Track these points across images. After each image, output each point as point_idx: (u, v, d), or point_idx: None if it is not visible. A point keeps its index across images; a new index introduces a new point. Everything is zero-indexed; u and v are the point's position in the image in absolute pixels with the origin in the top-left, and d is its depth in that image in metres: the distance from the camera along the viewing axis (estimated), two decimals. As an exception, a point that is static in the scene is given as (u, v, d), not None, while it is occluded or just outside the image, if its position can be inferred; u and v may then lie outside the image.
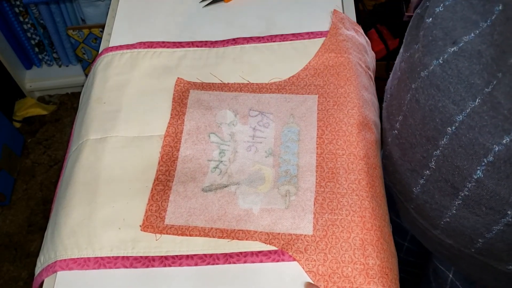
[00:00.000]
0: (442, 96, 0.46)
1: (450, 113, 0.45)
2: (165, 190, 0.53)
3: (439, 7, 0.46)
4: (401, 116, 0.54)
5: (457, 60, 0.44)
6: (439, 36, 0.45)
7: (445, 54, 0.45)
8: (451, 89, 0.45)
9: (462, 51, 0.43)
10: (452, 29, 0.44)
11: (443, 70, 0.45)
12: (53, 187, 1.67)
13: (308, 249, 0.47)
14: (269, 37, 0.64)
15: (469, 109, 0.43)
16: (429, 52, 0.47)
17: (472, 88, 0.43)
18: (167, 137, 0.56)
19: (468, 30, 0.42)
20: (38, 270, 0.51)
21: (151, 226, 0.50)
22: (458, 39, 0.43)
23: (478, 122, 0.43)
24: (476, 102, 0.43)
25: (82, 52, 1.70)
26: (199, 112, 0.58)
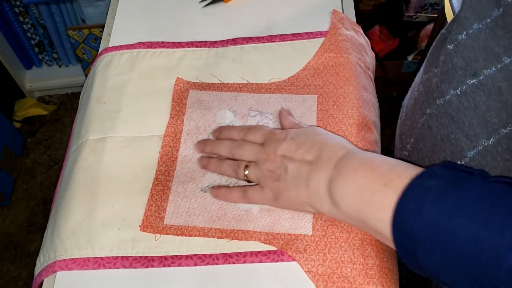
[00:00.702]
0: (455, 128, 0.43)
1: (462, 147, 0.43)
2: (165, 190, 0.53)
3: (462, 35, 0.42)
4: (412, 139, 0.52)
5: (475, 93, 0.40)
6: (459, 65, 0.42)
7: (464, 86, 0.42)
8: (465, 122, 0.42)
9: (482, 85, 0.40)
10: (473, 60, 0.40)
11: (459, 101, 0.42)
12: (53, 187, 1.67)
13: (307, 249, 0.47)
14: (268, 37, 0.64)
15: (481, 146, 0.41)
16: (448, 80, 0.44)
17: (487, 125, 0.40)
18: (166, 137, 0.56)
19: (489, 63, 0.39)
20: (37, 270, 0.51)
21: (150, 226, 0.50)
22: (479, 71, 0.40)
23: (489, 162, 0.41)
24: (490, 141, 0.40)
25: (82, 52, 1.70)
26: (198, 112, 0.58)
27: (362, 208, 0.40)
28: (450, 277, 0.36)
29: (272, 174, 0.47)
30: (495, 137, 0.40)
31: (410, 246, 0.37)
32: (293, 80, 0.59)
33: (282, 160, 0.47)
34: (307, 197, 0.45)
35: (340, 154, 0.44)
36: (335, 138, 0.47)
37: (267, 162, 0.48)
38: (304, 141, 0.47)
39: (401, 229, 0.37)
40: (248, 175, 0.49)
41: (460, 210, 0.34)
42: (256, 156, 0.49)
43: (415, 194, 0.37)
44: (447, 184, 0.36)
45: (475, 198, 0.34)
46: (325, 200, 0.44)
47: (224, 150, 0.51)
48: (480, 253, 0.33)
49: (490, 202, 0.34)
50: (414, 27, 1.55)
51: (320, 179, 0.44)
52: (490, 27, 0.39)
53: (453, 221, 0.34)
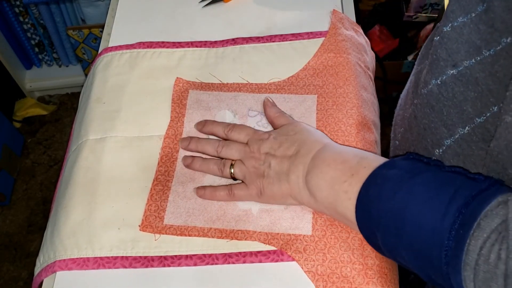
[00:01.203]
0: (435, 117, 0.45)
1: (440, 135, 0.45)
2: (164, 190, 0.53)
3: (447, 27, 0.44)
4: (402, 128, 0.54)
5: (454, 83, 0.43)
6: (442, 56, 0.44)
7: (444, 76, 0.44)
8: (444, 111, 0.44)
9: (461, 75, 0.42)
10: (455, 51, 0.43)
11: (439, 91, 0.44)
12: (53, 187, 1.67)
13: (307, 249, 0.47)
14: (268, 37, 0.64)
15: (458, 135, 0.43)
16: (431, 71, 0.46)
17: (463, 114, 0.42)
18: (166, 139, 0.56)
19: (470, 55, 0.41)
20: (37, 270, 0.51)
21: (150, 226, 0.50)
22: (459, 63, 0.42)
23: (465, 150, 0.42)
24: (465, 130, 0.42)
25: (82, 52, 1.70)
26: (198, 113, 0.58)
27: (334, 197, 0.44)
28: (402, 258, 0.39)
29: (257, 170, 0.49)
30: (470, 126, 0.42)
31: (370, 229, 0.41)
32: (292, 80, 0.59)
33: (266, 157, 0.49)
34: (289, 190, 0.48)
35: (316, 148, 0.47)
36: (314, 134, 0.50)
37: (252, 159, 0.50)
38: (285, 139, 0.50)
39: (362, 215, 0.41)
40: (234, 173, 0.51)
41: (411, 197, 0.37)
42: (241, 154, 0.51)
43: (375, 184, 0.41)
44: (404, 174, 0.39)
45: (425, 187, 0.37)
46: (305, 192, 0.47)
47: (209, 149, 0.53)
48: (424, 236, 0.36)
49: (438, 190, 0.36)
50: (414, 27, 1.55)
51: (299, 173, 0.47)
52: (474, 21, 0.41)
53: (404, 208, 0.37)
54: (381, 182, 0.40)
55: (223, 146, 0.52)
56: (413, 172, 0.39)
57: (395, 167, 0.41)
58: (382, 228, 0.39)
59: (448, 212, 0.35)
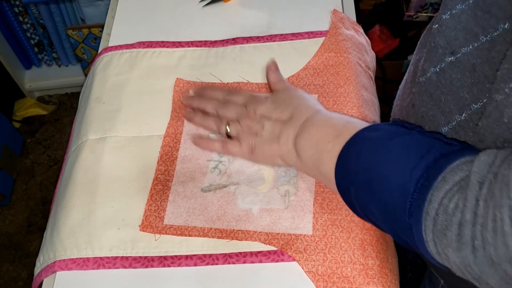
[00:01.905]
0: (433, 104, 0.45)
1: (438, 123, 0.45)
2: (164, 190, 0.53)
3: (446, 15, 0.45)
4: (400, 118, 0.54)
5: (452, 71, 0.43)
6: (441, 44, 0.45)
7: (443, 63, 0.44)
8: (442, 99, 0.44)
9: (458, 62, 0.42)
10: (453, 39, 0.43)
11: (438, 79, 0.45)
12: (52, 187, 1.67)
13: (307, 249, 0.47)
14: (268, 37, 0.64)
15: (455, 122, 0.43)
16: (429, 59, 0.46)
17: (460, 101, 0.42)
18: (166, 138, 0.56)
19: (467, 42, 0.41)
20: (37, 270, 0.51)
21: (150, 226, 0.50)
22: (457, 49, 0.43)
23: (462, 137, 0.42)
24: (462, 117, 0.42)
25: (81, 52, 1.70)
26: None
27: (317, 157, 0.45)
28: (372, 214, 0.41)
29: (250, 130, 0.51)
30: (466, 112, 0.42)
31: (345, 185, 0.43)
32: (293, 80, 0.59)
33: (261, 118, 0.51)
34: (278, 151, 0.50)
35: (308, 113, 0.49)
36: (309, 101, 0.52)
37: (247, 119, 0.52)
38: (281, 103, 0.51)
39: (340, 173, 0.43)
40: (230, 131, 0.53)
41: (386, 156, 0.39)
42: (238, 114, 0.53)
43: (356, 143, 0.42)
44: (385, 135, 0.41)
45: (402, 147, 0.39)
46: (292, 153, 0.48)
47: (209, 107, 0.55)
48: (392, 190, 0.37)
49: (412, 150, 0.38)
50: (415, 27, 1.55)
51: (289, 135, 0.49)
52: (471, 8, 0.41)
53: (377, 164, 0.39)
54: (362, 142, 0.42)
55: (221, 106, 0.54)
56: (393, 134, 0.41)
57: (378, 130, 0.42)
58: (356, 184, 0.41)
59: (417, 167, 0.36)
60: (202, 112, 0.56)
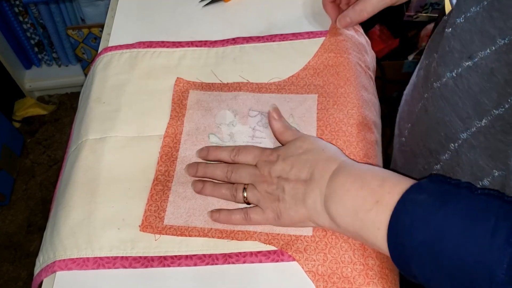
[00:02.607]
0: (450, 110, 0.44)
1: (456, 129, 0.43)
2: (164, 191, 0.53)
3: (460, 18, 0.43)
4: (410, 124, 0.52)
5: (470, 75, 0.41)
6: (456, 48, 0.43)
7: (459, 68, 0.42)
8: (460, 104, 0.42)
9: (476, 67, 0.40)
10: (469, 42, 0.41)
11: (455, 84, 0.43)
12: (52, 187, 1.67)
13: (307, 249, 0.47)
14: (268, 37, 0.64)
15: (474, 128, 0.41)
16: (444, 63, 0.44)
17: (480, 106, 0.40)
18: (166, 138, 0.56)
19: (484, 45, 0.40)
20: (37, 270, 0.51)
21: (150, 227, 0.50)
22: (474, 54, 0.41)
23: (482, 143, 0.41)
24: (482, 122, 0.40)
25: (81, 52, 1.70)
26: (198, 113, 0.58)
27: (359, 226, 0.42)
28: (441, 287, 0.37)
29: (271, 195, 0.48)
30: (487, 118, 0.40)
31: (404, 260, 0.39)
32: (293, 80, 0.59)
33: (278, 181, 0.47)
34: (307, 214, 0.46)
35: (331, 169, 0.45)
36: (325, 151, 0.47)
37: (264, 184, 0.48)
38: (295, 159, 0.47)
39: (395, 246, 0.39)
40: (248, 197, 0.49)
41: (446, 229, 0.35)
42: (252, 178, 0.49)
43: (406, 212, 0.38)
44: (435, 200, 0.37)
45: (461, 216, 0.35)
46: (324, 217, 0.45)
47: (219, 174, 0.51)
48: (468, 270, 0.34)
49: (475, 220, 0.34)
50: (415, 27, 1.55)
51: (316, 197, 0.45)
52: (486, 9, 0.39)
53: (440, 240, 0.35)
54: (412, 210, 0.38)
55: (232, 171, 0.50)
56: (444, 197, 0.37)
57: (424, 192, 0.38)
58: (418, 261, 0.37)
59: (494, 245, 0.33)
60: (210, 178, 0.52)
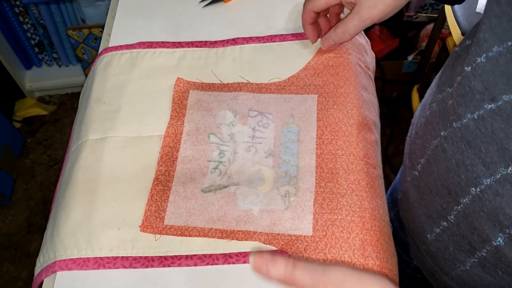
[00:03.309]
0: (471, 153, 0.42)
1: (478, 174, 0.41)
2: (165, 191, 0.53)
3: (481, 58, 0.40)
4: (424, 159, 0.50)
5: (493, 119, 0.39)
6: (478, 89, 0.41)
7: (481, 110, 0.40)
8: (482, 148, 0.40)
9: (500, 110, 0.38)
10: (492, 84, 0.39)
11: (476, 126, 0.41)
12: (53, 187, 1.67)
13: (307, 249, 0.47)
14: (268, 37, 0.64)
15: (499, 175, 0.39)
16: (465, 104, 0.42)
17: (505, 153, 0.38)
18: (166, 138, 0.56)
19: (509, 88, 0.38)
20: (37, 270, 0.51)
21: (150, 227, 0.50)
22: (498, 96, 0.39)
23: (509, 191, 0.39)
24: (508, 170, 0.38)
25: (82, 52, 1.70)
26: (199, 113, 0.58)
27: None
28: None
29: None
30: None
31: None
32: (293, 80, 0.59)
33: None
34: None
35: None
36: None
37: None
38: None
39: None
40: None
41: None
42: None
43: None
44: None
45: None
46: None
47: None
48: None
49: None
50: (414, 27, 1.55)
51: None
52: (510, 50, 0.38)
53: None
54: None
55: None
56: None
57: None
58: None
59: None
60: None
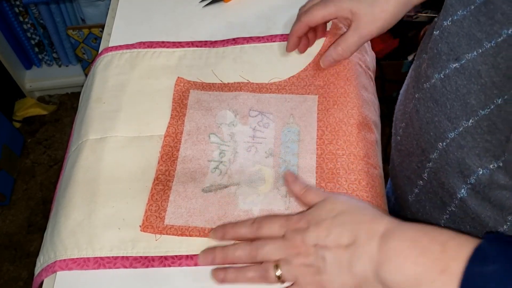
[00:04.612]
0: (438, 110, 0.45)
1: (444, 129, 0.44)
2: (165, 190, 0.53)
3: (447, 21, 0.44)
4: (404, 123, 0.54)
5: (457, 77, 0.42)
6: (444, 50, 0.44)
7: (447, 70, 0.44)
8: (447, 105, 0.44)
9: (463, 69, 0.42)
10: (457, 45, 0.43)
11: (443, 85, 0.44)
12: (53, 187, 1.67)
13: (308, 249, 0.47)
14: (269, 37, 0.64)
15: (461, 128, 0.43)
16: (433, 65, 0.46)
17: (467, 107, 0.42)
18: (167, 137, 0.56)
19: (471, 48, 0.41)
20: (37, 270, 0.51)
21: (151, 226, 0.50)
22: (461, 56, 0.42)
23: (469, 143, 0.42)
24: (469, 123, 0.42)
25: (82, 52, 1.70)
26: (199, 113, 0.58)
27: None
28: None
29: (310, 268, 0.42)
30: (474, 118, 0.41)
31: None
32: (293, 80, 0.59)
33: (316, 250, 0.42)
34: (355, 282, 0.40)
35: (378, 232, 0.40)
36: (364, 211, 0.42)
37: (299, 256, 0.42)
38: (331, 223, 0.42)
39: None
40: (283, 276, 0.43)
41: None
42: (284, 252, 0.43)
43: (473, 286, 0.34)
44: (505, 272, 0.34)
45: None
46: (377, 285, 0.39)
47: (241, 256, 0.45)
48: None
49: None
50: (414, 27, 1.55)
51: (366, 265, 0.39)
52: (474, 13, 0.40)
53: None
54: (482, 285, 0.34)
55: (257, 248, 0.44)
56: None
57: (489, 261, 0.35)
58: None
59: None
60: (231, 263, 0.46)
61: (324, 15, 0.56)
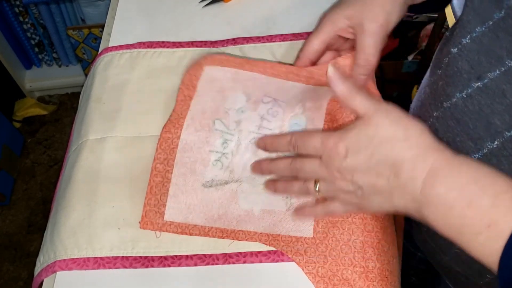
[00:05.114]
0: (460, 130, 0.43)
1: (467, 150, 0.43)
2: (164, 183, 0.52)
3: (466, 38, 0.42)
4: None
5: (480, 96, 0.41)
6: (464, 68, 0.42)
7: (469, 89, 0.42)
8: (470, 125, 0.42)
9: (486, 88, 0.40)
10: (477, 63, 0.41)
11: (465, 105, 0.42)
12: (53, 187, 1.67)
13: (308, 251, 0.47)
14: (269, 37, 0.64)
15: (486, 149, 0.41)
16: (453, 84, 0.44)
17: (491, 128, 0.40)
18: (168, 124, 0.55)
19: (493, 66, 0.39)
20: (37, 270, 0.51)
21: (150, 223, 0.50)
22: (483, 75, 0.40)
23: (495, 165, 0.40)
24: (494, 144, 0.40)
25: (82, 52, 1.70)
26: (209, 95, 0.56)
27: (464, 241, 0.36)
28: None
29: (348, 193, 0.42)
30: (499, 139, 0.40)
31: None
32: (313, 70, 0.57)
33: (353, 179, 0.40)
34: (392, 208, 0.40)
35: (424, 170, 0.37)
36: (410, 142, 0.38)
37: (337, 181, 0.42)
38: (371, 155, 0.39)
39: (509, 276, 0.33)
40: (321, 190, 0.43)
41: None
42: (321, 174, 0.43)
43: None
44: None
45: None
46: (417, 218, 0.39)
47: (283, 172, 0.46)
48: None
49: None
50: (414, 27, 1.55)
51: (407, 204, 0.38)
52: (492, 30, 0.39)
53: None
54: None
55: (296, 169, 0.44)
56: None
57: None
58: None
59: None
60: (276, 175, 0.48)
61: (321, 39, 0.52)
